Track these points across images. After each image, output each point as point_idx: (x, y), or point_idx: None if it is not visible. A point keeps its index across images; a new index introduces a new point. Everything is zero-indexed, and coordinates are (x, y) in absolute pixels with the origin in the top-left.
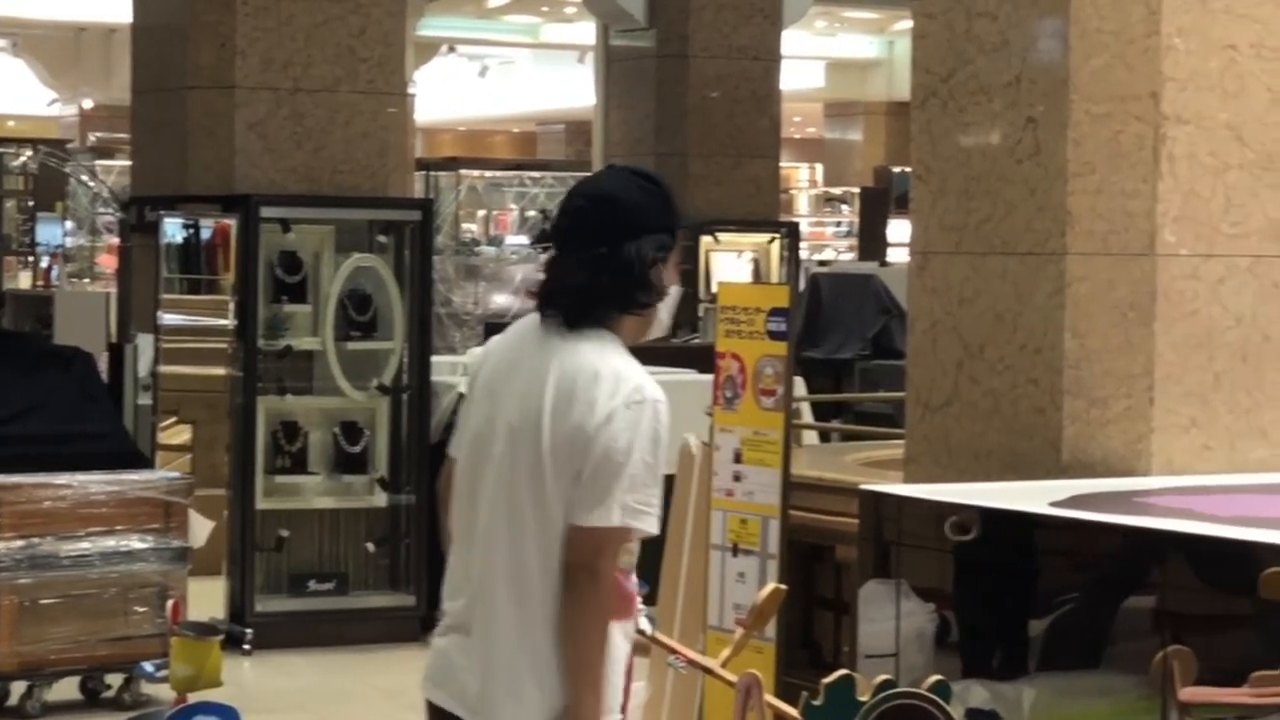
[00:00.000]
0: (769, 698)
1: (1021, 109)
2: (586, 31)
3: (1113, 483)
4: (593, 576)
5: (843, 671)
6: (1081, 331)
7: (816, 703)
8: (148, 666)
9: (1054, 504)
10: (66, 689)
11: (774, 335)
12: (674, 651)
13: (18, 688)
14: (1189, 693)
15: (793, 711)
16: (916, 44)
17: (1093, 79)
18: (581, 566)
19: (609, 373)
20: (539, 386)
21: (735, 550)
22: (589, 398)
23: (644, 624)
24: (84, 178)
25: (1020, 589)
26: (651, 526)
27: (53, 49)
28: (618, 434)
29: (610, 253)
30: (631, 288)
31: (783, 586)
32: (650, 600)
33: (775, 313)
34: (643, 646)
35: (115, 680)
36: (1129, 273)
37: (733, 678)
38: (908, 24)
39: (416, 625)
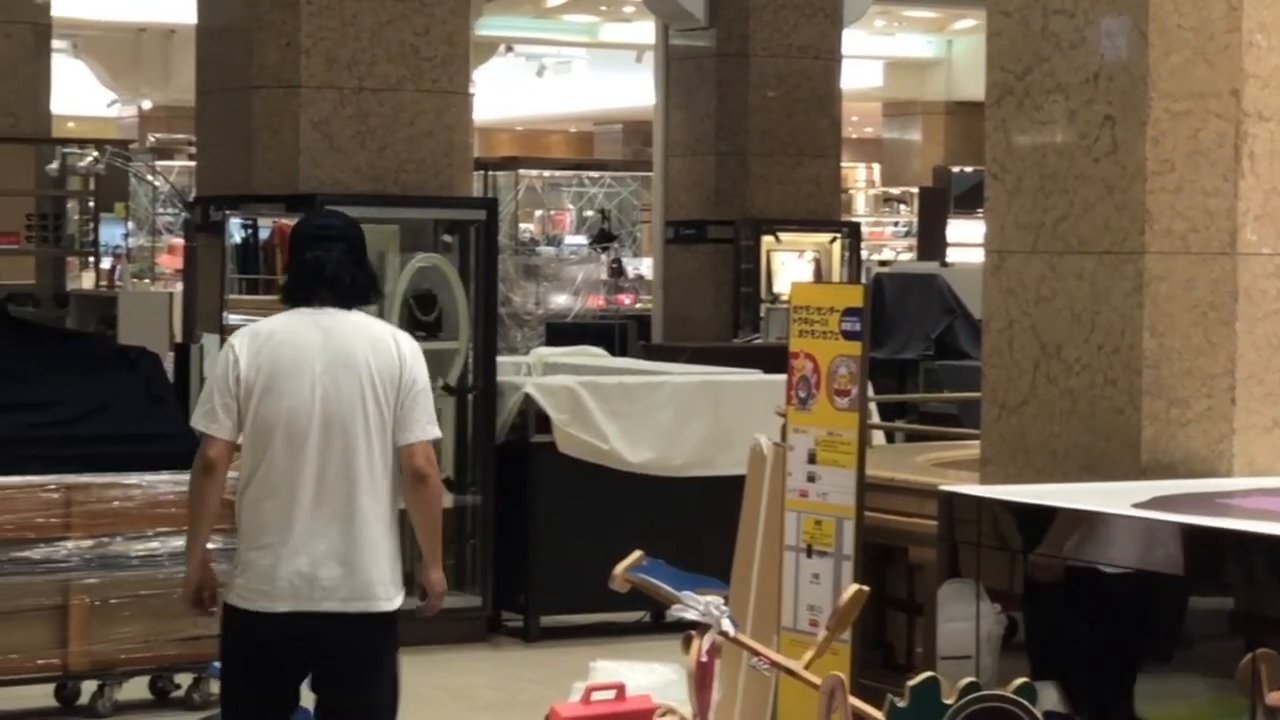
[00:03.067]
0: (852, 699)
1: (1099, 106)
2: (645, 31)
3: (1195, 484)
4: (432, 474)
5: (928, 673)
6: (1160, 331)
7: (901, 704)
8: (219, 666)
9: (1136, 505)
10: (137, 688)
11: (848, 335)
12: (756, 653)
13: (88, 687)
14: (1277, 696)
15: (876, 713)
16: (991, 41)
17: (1172, 76)
18: (424, 468)
19: (390, 331)
20: (347, 352)
21: (810, 551)
22: (394, 349)
23: (726, 625)
24: (149, 178)
25: (1098, 592)
26: (439, 434)
27: (112, 50)
28: (419, 371)
29: (364, 257)
30: (377, 281)
31: (865, 588)
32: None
33: (849, 313)
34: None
35: (185, 680)
36: (1209, 272)
37: (816, 680)
38: (967, 24)
39: (483, 626)
